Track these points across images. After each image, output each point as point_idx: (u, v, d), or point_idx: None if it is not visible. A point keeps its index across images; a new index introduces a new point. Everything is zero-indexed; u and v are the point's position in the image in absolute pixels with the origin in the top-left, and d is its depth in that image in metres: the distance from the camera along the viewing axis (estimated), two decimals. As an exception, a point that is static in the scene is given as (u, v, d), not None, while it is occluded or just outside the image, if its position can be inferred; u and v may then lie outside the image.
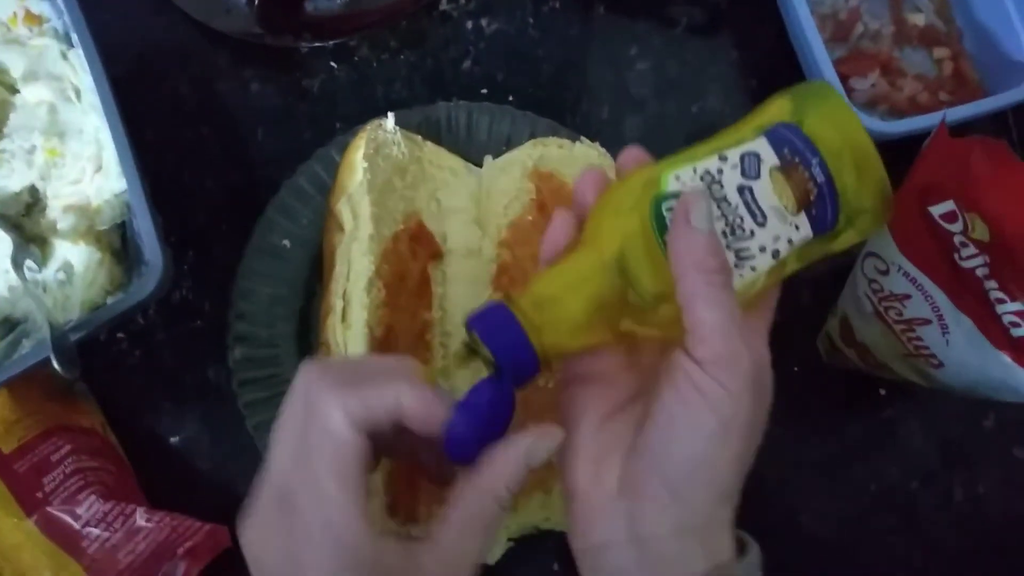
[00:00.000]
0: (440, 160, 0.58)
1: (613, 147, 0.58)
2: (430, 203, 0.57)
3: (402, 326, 0.53)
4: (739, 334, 0.32)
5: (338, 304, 0.51)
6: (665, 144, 0.64)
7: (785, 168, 0.36)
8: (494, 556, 0.51)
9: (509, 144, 0.60)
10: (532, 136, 0.59)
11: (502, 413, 0.35)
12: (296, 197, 0.58)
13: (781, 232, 0.35)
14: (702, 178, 0.35)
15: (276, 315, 0.56)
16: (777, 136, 0.36)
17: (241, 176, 0.62)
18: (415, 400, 0.33)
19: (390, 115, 0.55)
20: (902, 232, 0.47)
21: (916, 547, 0.59)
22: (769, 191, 0.35)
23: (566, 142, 0.58)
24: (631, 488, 0.34)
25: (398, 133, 0.55)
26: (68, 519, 0.51)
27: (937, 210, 0.43)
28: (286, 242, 0.57)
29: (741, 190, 0.35)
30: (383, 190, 0.53)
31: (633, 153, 0.38)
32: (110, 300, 0.51)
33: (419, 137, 0.58)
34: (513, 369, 0.35)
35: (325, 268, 0.53)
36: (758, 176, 0.36)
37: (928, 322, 0.47)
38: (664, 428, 0.33)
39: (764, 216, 0.35)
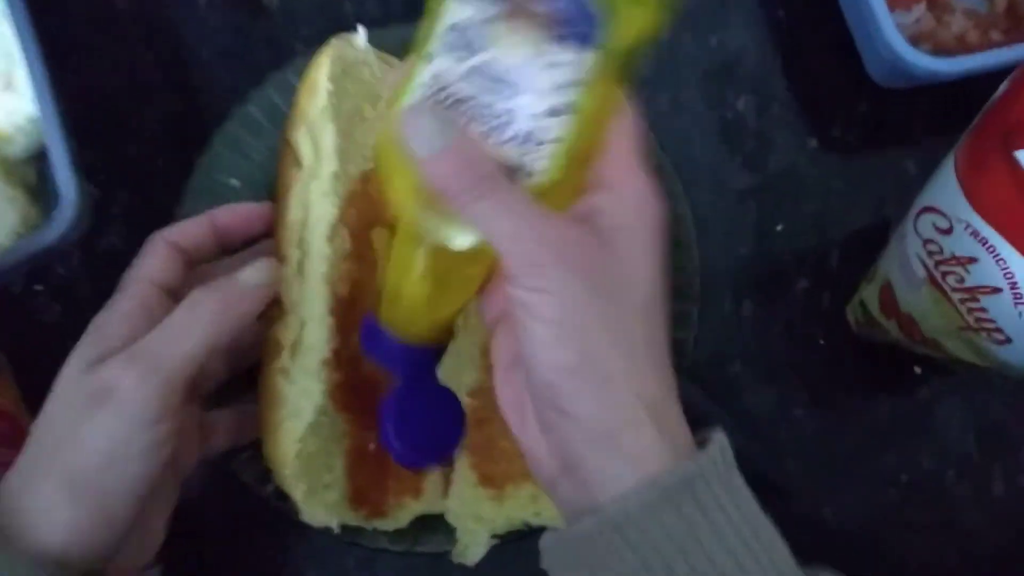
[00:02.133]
0: (419, 88, 0.50)
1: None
2: (407, 139, 0.49)
3: (372, 283, 0.45)
4: (532, 229, 0.30)
5: (293, 255, 0.43)
6: (679, 81, 0.58)
7: (503, 14, 0.30)
8: (476, 555, 0.45)
9: (501, 72, 0.51)
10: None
11: (420, 409, 0.38)
12: (247, 128, 0.50)
13: (546, 82, 0.30)
14: (424, 98, 0.31)
15: (221, 267, 0.48)
16: None
17: (183, 104, 0.54)
18: (224, 211, 0.43)
19: (361, 29, 0.47)
20: (975, 183, 0.39)
21: (951, 544, 0.54)
22: (500, 53, 0.30)
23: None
24: (540, 421, 0.32)
25: (371, 52, 0.47)
26: None
27: (1028, 154, 0.36)
28: (234, 181, 0.49)
29: (469, 77, 0.30)
30: (351, 119, 0.45)
31: None
32: (21, 245, 0.44)
33: (395, 59, 0.49)
34: (402, 367, 0.38)
35: (277, 212, 0.45)
36: (473, 47, 0.30)
37: (998, 291, 0.40)
38: (526, 358, 0.31)
39: (513, 83, 0.30)
